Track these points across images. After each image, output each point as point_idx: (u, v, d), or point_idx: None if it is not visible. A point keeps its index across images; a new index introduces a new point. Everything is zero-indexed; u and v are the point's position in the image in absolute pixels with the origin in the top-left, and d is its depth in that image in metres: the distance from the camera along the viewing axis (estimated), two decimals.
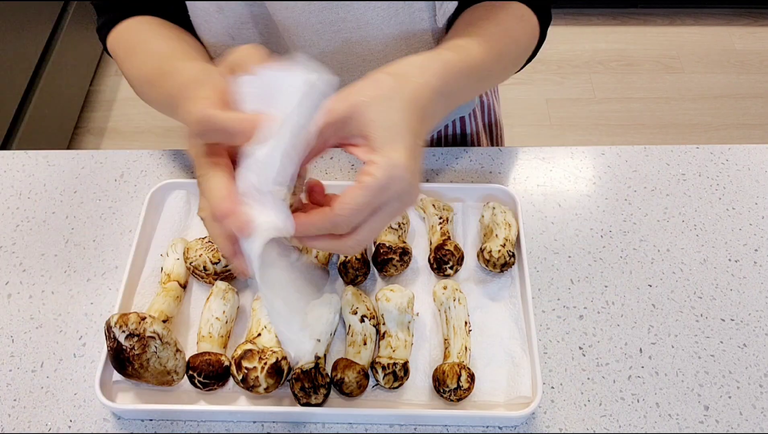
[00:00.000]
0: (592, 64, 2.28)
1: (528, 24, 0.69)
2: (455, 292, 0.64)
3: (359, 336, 0.62)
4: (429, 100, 0.52)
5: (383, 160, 0.46)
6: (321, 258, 0.67)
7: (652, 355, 0.64)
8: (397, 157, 0.46)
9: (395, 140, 0.47)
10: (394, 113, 0.49)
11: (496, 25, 0.65)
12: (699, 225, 0.75)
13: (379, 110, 0.48)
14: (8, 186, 0.79)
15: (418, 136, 0.50)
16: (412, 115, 0.50)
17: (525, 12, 0.68)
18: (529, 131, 2.08)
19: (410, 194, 0.48)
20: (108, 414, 0.61)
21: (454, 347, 0.61)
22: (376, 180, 0.46)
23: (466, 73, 0.58)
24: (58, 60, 1.88)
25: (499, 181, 0.79)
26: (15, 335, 0.66)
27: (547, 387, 0.62)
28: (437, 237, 0.69)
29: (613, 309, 0.68)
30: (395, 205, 0.48)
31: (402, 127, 0.48)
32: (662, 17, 2.42)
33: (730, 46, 2.33)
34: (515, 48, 0.68)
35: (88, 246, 0.73)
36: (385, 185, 0.46)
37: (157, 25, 0.68)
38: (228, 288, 0.65)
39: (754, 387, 0.62)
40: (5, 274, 0.71)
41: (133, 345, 0.56)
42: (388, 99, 0.49)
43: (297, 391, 0.59)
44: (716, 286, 0.70)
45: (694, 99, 2.17)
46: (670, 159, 0.82)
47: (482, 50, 0.61)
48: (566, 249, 0.73)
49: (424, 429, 0.60)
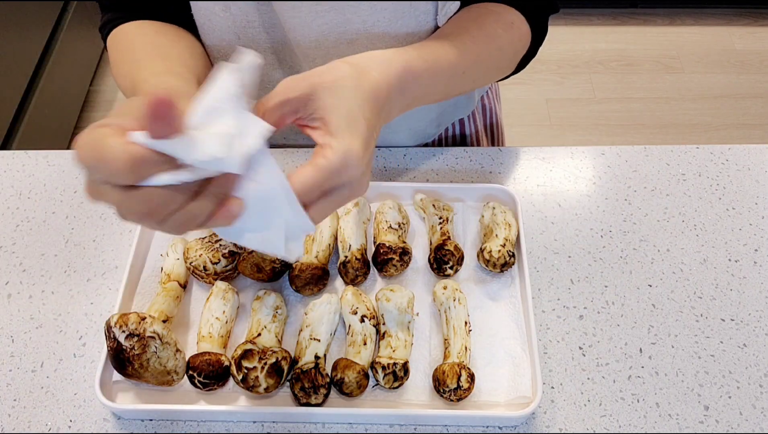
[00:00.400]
0: (592, 64, 2.28)
1: (517, 32, 0.68)
2: (455, 292, 0.64)
3: (359, 336, 0.62)
4: (386, 97, 0.53)
5: (339, 145, 0.47)
6: (321, 258, 0.67)
7: (652, 355, 0.64)
8: (353, 144, 0.47)
9: (352, 128, 0.48)
10: (353, 102, 0.50)
11: (479, 29, 0.65)
12: (699, 225, 0.75)
13: (338, 97, 0.49)
14: (8, 186, 0.79)
15: (373, 129, 0.51)
16: (370, 108, 0.51)
17: (516, 19, 0.68)
18: (529, 131, 2.08)
19: (360, 184, 0.49)
20: (108, 414, 0.61)
21: (454, 347, 0.61)
22: (330, 163, 0.46)
23: (430, 74, 0.59)
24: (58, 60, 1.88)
25: (499, 181, 0.79)
26: (15, 335, 0.66)
27: (547, 387, 0.62)
28: (437, 237, 0.69)
29: (613, 309, 0.68)
30: (345, 192, 0.48)
31: (360, 117, 0.49)
32: (662, 17, 2.42)
33: (730, 46, 2.33)
34: (498, 54, 0.68)
35: (88, 246, 0.73)
36: (338, 170, 0.47)
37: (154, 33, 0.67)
38: (228, 288, 0.65)
39: (754, 387, 0.62)
40: (5, 274, 0.71)
41: (133, 345, 0.56)
42: (347, 88, 0.50)
43: (297, 391, 0.59)
44: (716, 286, 0.70)
45: (694, 99, 2.17)
46: (670, 159, 0.82)
47: (456, 52, 0.62)
48: (566, 249, 0.73)
49: (424, 429, 0.60)
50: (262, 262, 0.66)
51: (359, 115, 0.49)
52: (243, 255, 0.66)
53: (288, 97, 0.49)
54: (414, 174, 0.80)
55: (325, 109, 0.49)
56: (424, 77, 0.58)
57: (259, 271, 0.66)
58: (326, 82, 0.50)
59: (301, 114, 0.50)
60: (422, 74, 0.58)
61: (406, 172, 0.80)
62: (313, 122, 0.50)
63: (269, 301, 0.64)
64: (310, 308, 0.63)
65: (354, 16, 0.66)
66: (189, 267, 0.67)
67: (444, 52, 0.61)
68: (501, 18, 0.68)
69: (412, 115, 0.81)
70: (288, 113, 0.49)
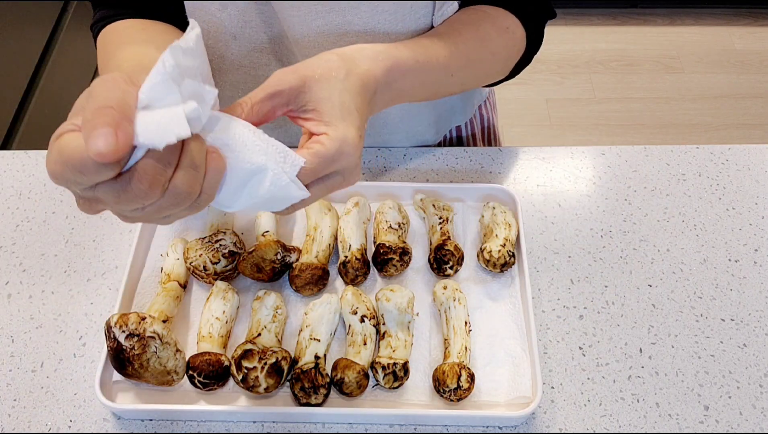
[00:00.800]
0: (592, 64, 2.28)
1: (512, 37, 0.69)
2: (455, 292, 0.64)
3: (359, 336, 0.62)
4: (374, 89, 0.54)
5: (335, 134, 0.48)
6: (321, 258, 0.67)
7: (652, 355, 0.64)
8: (348, 132, 0.48)
9: (347, 118, 0.49)
10: (345, 94, 0.50)
11: (474, 32, 0.66)
12: (699, 225, 0.75)
13: (330, 88, 0.50)
14: (8, 186, 0.79)
15: (364, 120, 0.52)
16: (361, 99, 0.52)
17: (512, 24, 0.68)
18: (528, 131, 2.08)
19: (353, 173, 0.50)
20: (108, 414, 0.61)
21: (454, 347, 0.61)
22: (327, 149, 0.47)
23: (418, 72, 0.60)
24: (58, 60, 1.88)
25: (499, 181, 0.79)
26: (15, 335, 0.66)
27: (547, 387, 0.62)
28: (437, 237, 0.69)
29: (613, 309, 0.68)
30: (338, 179, 0.49)
31: (352, 107, 0.50)
32: (662, 17, 2.42)
33: (730, 46, 2.33)
34: (491, 58, 0.68)
35: (88, 246, 0.73)
36: (334, 157, 0.47)
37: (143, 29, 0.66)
38: (228, 288, 0.65)
39: (754, 387, 0.62)
40: (5, 274, 0.71)
41: (133, 345, 0.56)
42: (338, 80, 0.51)
43: (297, 391, 0.59)
44: (716, 286, 0.70)
45: (694, 99, 2.17)
46: (670, 159, 0.82)
47: (447, 54, 0.62)
48: (566, 249, 0.73)
49: (424, 429, 0.60)
50: (262, 262, 0.66)
51: (351, 105, 0.50)
52: (243, 255, 0.66)
53: (278, 89, 0.49)
54: (414, 174, 0.80)
55: (318, 101, 0.49)
56: (411, 74, 0.59)
57: (259, 271, 0.66)
58: (317, 73, 0.50)
59: (293, 106, 0.50)
60: (410, 71, 0.58)
61: (406, 172, 0.80)
62: (305, 113, 0.50)
63: (269, 301, 0.64)
64: (310, 308, 0.63)
65: (354, 17, 0.66)
66: (189, 267, 0.67)
67: (435, 51, 0.62)
68: (496, 22, 0.68)
69: (410, 118, 0.81)
70: (279, 105, 0.50)
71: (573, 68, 2.26)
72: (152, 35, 0.65)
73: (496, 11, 0.68)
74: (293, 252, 0.67)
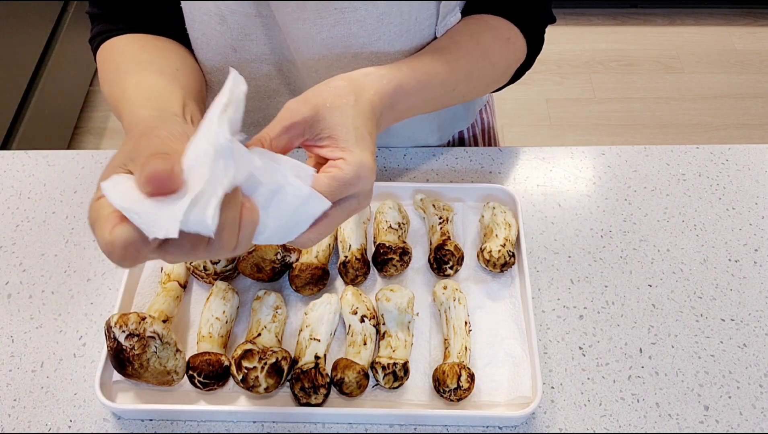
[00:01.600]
0: (592, 64, 2.28)
1: (512, 47, 0.69)
2: (455, 292, 0.64)
3: (359, 336, 0.62)
4: (380, 113, 0.56)
5: (353, 158, 0.48)
6: (321, 258, 0.67)
7: (652, 355, 0.64)
8: (365, 157, 0.49)
9: (361, 143, 0.50)
10: (358, 119, 0.51)
11: (475, 45, 0.66)
12: (699, 225, 0.75)
13: (342, 115, 0.51)
14: (8, 186, 0.79)
15: (375, 143, 0.53)
16: (372, 123, 0.53)
17: (513, 35, 0.69)
18: (528, 131, 2.08)
19: (367, 197, 0.51)
20: (108, 414, 0.61)
21: (454, 347, 0.61)
22: (345, 174, 0.48)
23: (421, 92, 0.61)
24: (58, 60, 1.88)
25: (499, 180, 0.79)
26: (15, 335, 0.66)
27: (547, 387, 0.62)
28: (437, 237, 0.69)
29: (613, 309, 0.68)
30: (353, 203, 0.50)
31: (365, 132, 0.51)
32: (662, 17, 2.42)
33: (730, 46, 2.33)
34: (491, 69, 0.69)
35: (88, 246, 0.73)
36: (351, 181, 0.48)
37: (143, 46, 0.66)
38: (228, 288, 0.65)
39: (754, 387, 0.62)
40: (5, 274, 0.71)
41: (133, 345, 0.56)
42: (349, 105, 0.52)
43: (297, 391, 0.59)
44: (716, 286, 0.70)
45: (694, 99, 2.17)
46: (670, 159, 0.82)
47: (448, 69, 0.63)
48: (566, 249, 0.73)
49: (424, 429, 0.60)
50: (262, 262, 0.66)
51: (364, 130, 0.51)
52: (243, 255, 0.66)
53: (293, 121, 0.50)
54: (414, 174, 0.80)
55: (333, 127, 0.50)
56: (413, 94, 0.60)
57: (259, 271, 0.66)
58: (328, 101, 0.51)
59: (308, 135, 0.51)
60: (412, 91, 0.60)
61: (406, 172, 0.80)
62: (320, 141, 0.51)
63: (269, 301, 0.64)
64: (310, 308, 0.63)
65: (360, 30, 0.66)
66: (189, 267, 0.67)
67: (435, 69, 0.63)
68: (498, 33, 0.68)
69: (413, 125, 0.81)
70: (295, 136, 0.50)
71: (573, 68, 2.26)
72: (154, 56, 0.65)
73: (498, 21, 0.68)
74: (293, 252, 0.67)
